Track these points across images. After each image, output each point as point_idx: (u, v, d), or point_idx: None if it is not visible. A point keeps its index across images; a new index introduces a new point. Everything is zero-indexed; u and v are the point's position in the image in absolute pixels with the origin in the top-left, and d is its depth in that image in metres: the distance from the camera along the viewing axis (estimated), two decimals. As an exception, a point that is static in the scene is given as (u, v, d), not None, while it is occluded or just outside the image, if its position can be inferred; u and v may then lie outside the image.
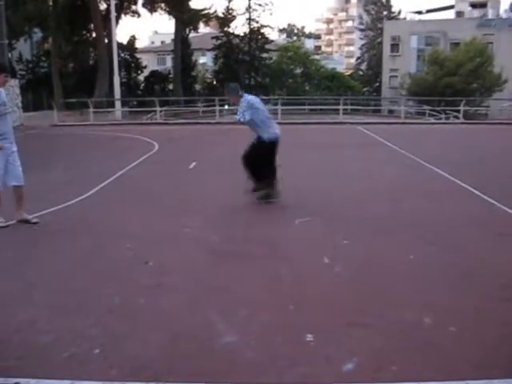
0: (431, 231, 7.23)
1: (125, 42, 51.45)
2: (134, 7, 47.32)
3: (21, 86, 7.83)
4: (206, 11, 49.65)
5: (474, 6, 62.61)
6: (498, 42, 49.35)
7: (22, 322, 4.44)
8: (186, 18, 47.53)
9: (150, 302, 4.87)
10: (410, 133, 22.72)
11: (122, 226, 7.61)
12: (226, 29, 53.02)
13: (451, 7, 66.95)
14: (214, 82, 54.81)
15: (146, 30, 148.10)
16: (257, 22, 53.29)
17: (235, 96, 8.86)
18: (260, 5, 52.85)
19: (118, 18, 39.10)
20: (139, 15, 48.21)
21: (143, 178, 11.46)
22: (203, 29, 57.51)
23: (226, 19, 52.55)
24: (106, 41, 39.69)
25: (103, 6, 42.43)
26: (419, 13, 66.40)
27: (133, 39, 53.60)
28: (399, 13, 73.68)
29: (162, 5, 46.90)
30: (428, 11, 66.91)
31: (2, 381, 3.57)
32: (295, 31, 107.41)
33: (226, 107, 35.43)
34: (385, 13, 72.48)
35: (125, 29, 63.07)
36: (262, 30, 53.72)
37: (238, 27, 53.97)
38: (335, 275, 5.60)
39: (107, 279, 5.49)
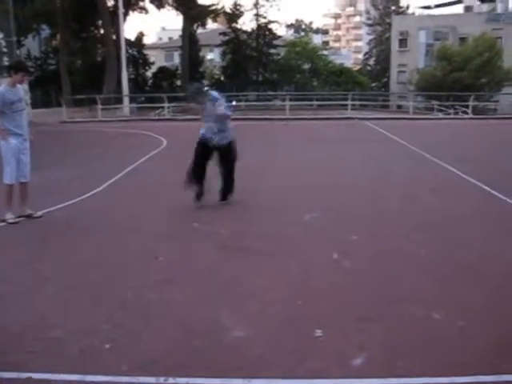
0: (440, 227, 7.22)
1: (132, 39, 51.49)
2: (141, 3, 47.37)
3: (29, 82, 7.88)
4: (213, 7, 49.64)
5: (482, 0, 62.16)
6: (506, 37, 48.96)
7: (33, 317, 4.48)
8: (194, 14, 47.50)
9: (161, 297, 4.90)
10: (418, 128, 22.67)
11: (132, 221, 7.65)
12: (233, 25, 52.97)
13: (459, 2, 66.52)
14: (222, 78, 54.79)
15: (153, 26, 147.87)
16: (264, 18, 53.29)
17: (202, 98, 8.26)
18: (267, 0, 52.81)
19: (125, 14, 39.10)
20: (147, 11, 48.28)
21: (152, 173, 11.50)
22: (211, 25, 57.43)
23: (234, 15, 52.50)
24: (114, 37, 39.72)
25: (111, 3, 42.47)
26: (428, 8, 66.13)
27: (140, 35, 53.66)
28: (407, 8, 73.30)
29: (170, 1, 46.92)
30: (436, 6, 66.60)
31: (15, 375, 3.60)
32: (303, 27, 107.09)
33: (234, 103, 35.45)
34: (393, 8, 72.05)
35: (132, 25, 63.26)
36: (269, 26, 53.69)
37: (246, 23, 54.08)
38: (344, 270, 5.61)
39: (118, 275, 5.53)
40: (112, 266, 5.80)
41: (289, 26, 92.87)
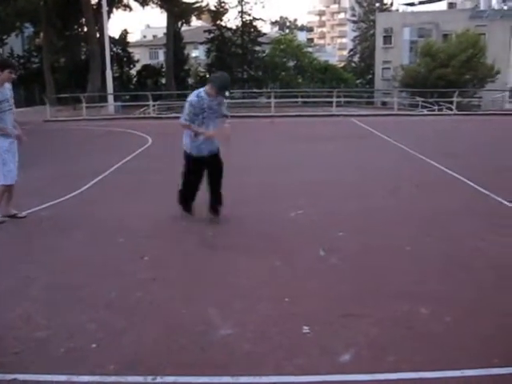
0: (426, 222, 7.26)
1: (117, 37, 51.19)
2: (125, 1, 47.13)
3: (12, 81, 7.84)
4: (197, 4, 49.49)
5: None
6: (490, 33, 49.31)
7: (18, 318, 4.43)
8: (178, 12, 47.35)
9: (147, 296, 4.87)
10: (403, 124, 22.73)
11: (117, 221, 7.59)
12: (218, 22, 52.84)
13: (443, -2, 66.89)
14: (207, 76, 54.63)
15: (137, 24, 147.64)
16: (249, 15, 53.15)
17: None
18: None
19: (109, 12, 38.84)
20: (131, 9, 48.06)
21: (137, 172, 11.42)
22: (195, 22, 57.34)
23: (218, 12, 52.34)
24: (98, 35, 39.52)
25: (94, 0, 42.21)
26: (411, 4, 66.22)
27: (125, 33, 53.33)
28: (391, 4, 73.60)
29: (154, -2, 46.74)
30: (420, 3, 66.69)
31: (0, 377, 3.56)
32: (287, 24, 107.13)
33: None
34: (377, 4, 72.31)
35: (117, 23, 63.19)
36: (254, 23, 53.54)
37: (231, 20, 53.85)
38: (331, 267, 5.61)
39: (103, 274, 5.49)
40: (97, 266, 5.76)
41: (273, 24, 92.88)
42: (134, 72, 53.01)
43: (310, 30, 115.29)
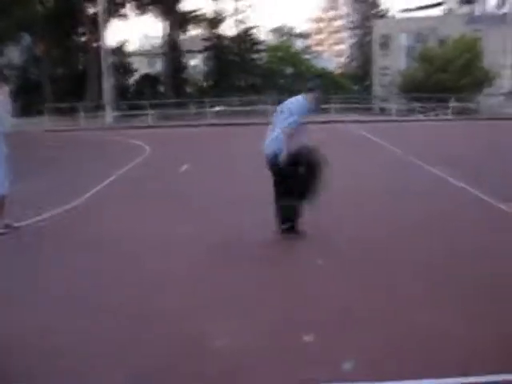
0: (426, 228, 7.26)
1: (115, 46, 51.31)
2: (123, 10, 47.28)
3: (11, 91, 7.92)
4: (195, 13, 49.73)
5: (462, 2, 62.82)
6: (486, 38, 49.45)
7: (13, 334, 4.44)
8: (176, 21, 47.54)
9: (146, 308, 4.85)
10: (400, 130, 22.81)
11: (116, 231, 7.57)
12: (215, 30, 53.04)
13: (439, 4, 67.12)
14: (205, 84, 54.79)
15: (136, 33, 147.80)
16: (246, 23, 53.42)
17: None
18: (250, 6, 53.07)
19: (107, 21, 38.98)
20: (128, 18, 48.25)
21: (135, 181, 11.44)
22: (193, 31, 57.45)
23: (216, 21, 52.57)
24: (96, 45, 39.62)
25: (92, 10, 42.34)
26: (408, 10, 66.55)
27: (123, 42, 53.48)
28: (388, 11, 73.92)
29: (152, 8, 46.93)
30: (417, 9, 67.03)
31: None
32: (285, 31, 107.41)
33: (217, 108, 35.53)
34: (373, 11, 72.63)
35: (115, 32, 63.03)
36: (251, 31, 53.82)
37: (228, 29, 54.10)
38: (331, 276, 5.57)
39: (102, 285, 5.48)
40: (97, 276, 5.72)
41: (271, 31, 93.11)
42: (132, 81, 53.09)
43: (307, 36, 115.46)
